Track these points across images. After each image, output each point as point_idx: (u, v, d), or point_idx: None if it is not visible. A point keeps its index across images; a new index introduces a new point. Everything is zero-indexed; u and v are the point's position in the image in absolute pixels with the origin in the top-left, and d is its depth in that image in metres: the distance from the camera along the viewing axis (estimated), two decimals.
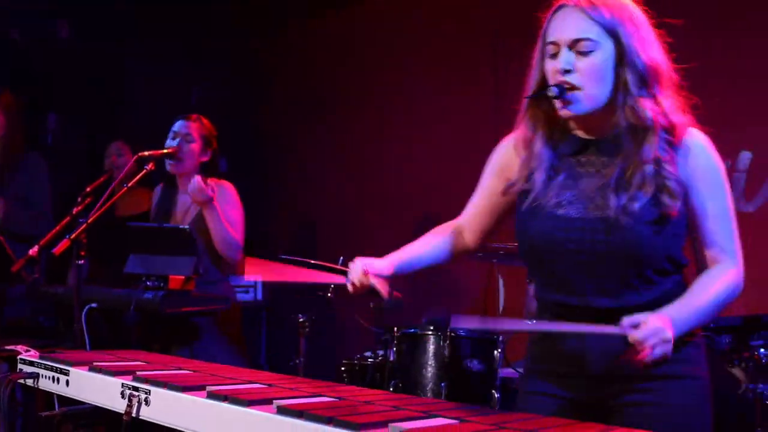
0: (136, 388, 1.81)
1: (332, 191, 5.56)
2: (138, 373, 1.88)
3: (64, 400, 2.21)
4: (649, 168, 1.73)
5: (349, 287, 1.93)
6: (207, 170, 3.86)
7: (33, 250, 3.70)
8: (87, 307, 3.41)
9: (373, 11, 5.43)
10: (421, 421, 1.40)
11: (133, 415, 1.80)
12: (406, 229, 5.02)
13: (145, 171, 3.58)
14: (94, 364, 2.04)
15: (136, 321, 3.39)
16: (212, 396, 1.62)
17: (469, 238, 2.07)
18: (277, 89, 6.01)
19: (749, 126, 3.74)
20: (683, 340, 1.73)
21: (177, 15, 5.57)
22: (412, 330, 3.05)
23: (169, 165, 3.76)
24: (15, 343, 3.04)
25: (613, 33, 1.73)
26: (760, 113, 3.72)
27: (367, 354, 3.41)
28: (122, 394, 1.85)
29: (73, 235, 3.13)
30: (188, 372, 1.99)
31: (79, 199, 4.02)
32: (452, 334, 2.96)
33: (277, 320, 5.33)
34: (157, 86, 5.58)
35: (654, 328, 1.59)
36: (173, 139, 3.78)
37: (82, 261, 3.19)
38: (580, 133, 1.85)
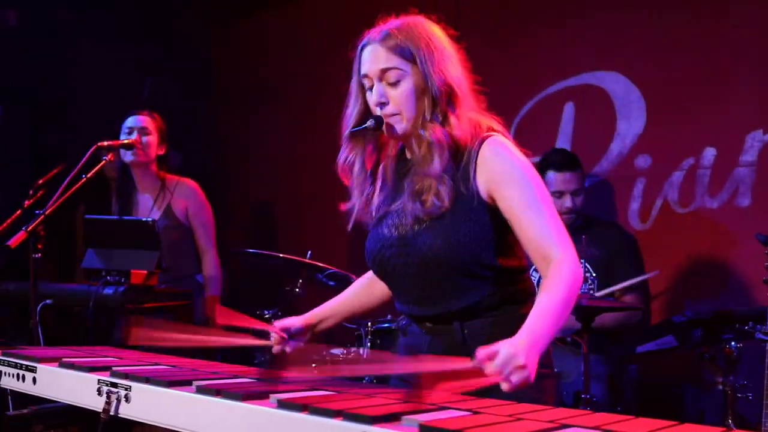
0: (114, 384, 1.70)
1: (288, 184, 5.44)
2: (115, 368, 1.77)
3: (27, 399, 2.09)
4: (436, 182, 1.83)
5: (275, 349, 2.13)
6: (163, 164, 3.85)
7: None
8: (41, 304, 3.27)
9: (331, 2, 5.34)
10: (434, 413, 1.33)
11: (112, 413, 1.69)
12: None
13: (104, 162, 3.47)
14: (64, 360, 1.92)
15: (95, 317, 3.25)
16: (202, 391, 1.53)
17: None
18: (232, 81, 5.87)
19: (713, 123, 3.79)
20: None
21: (128, 5, 5.40)
22: (387, 324, 2.99)
23: (129, 155, 3.70)
24: None
25: (413, 60, 1.87)
26: (723, 110, 3.76)
27: (336, 351, 3.32)
28: (99, 391, 1.74)
29: (30, 227, 2.98)
30: (167, 367, 1.89)
31: (31, 192, 3.87)
32: None
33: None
34: (107, 77, 5.39)
35: (506, 357, 1.52)
36: (129, 134, 3.72)
37: (39, 255, 3.05)
38: (408, 155, 1.98)
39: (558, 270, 1.74)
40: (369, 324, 3.00)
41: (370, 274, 2.23)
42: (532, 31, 4.28)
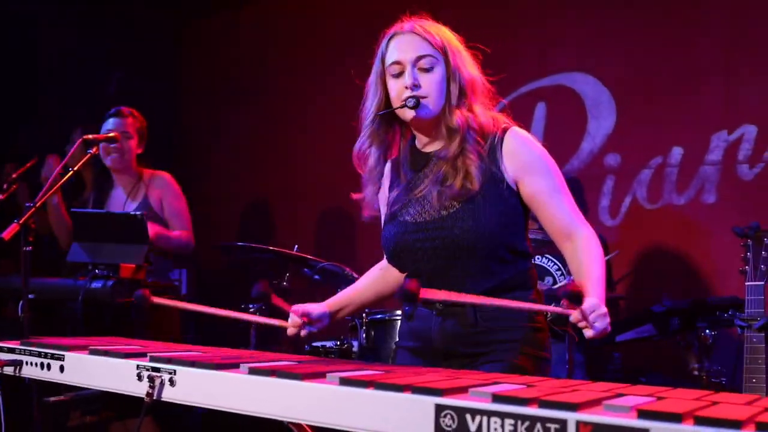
0: (156, 369, 1.73)
1: (260, 180, 5.45)
2: (153, 354, 1.79)
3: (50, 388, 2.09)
4: (464, 165, 1.98)
5: (290, 332, 2.17)
6: (141, 162, 3.87)
7: None
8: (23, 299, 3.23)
9: None
10: (492, 386, 1.40)
11: (155, 397, 1.72)
12: (330, 217, 5.02)
13: (89, 155, 3.44)
14: (93, 347, 1.93)
15: (82, 312, 3.23)
16: (255, 372, 1.57)
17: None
18: (201, 75, 5.84)
19: (680, 123, 3.98)
20: (531, 326, 1.99)
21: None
22: (381, 315, 3.05)
23: (109, 160, 3.73)
24: None
25: (443, 53, 2.04)
26: (690, 111, 3.96)
27: (327, 343, 3.37)
28: (139, 377, 1.76)
29: (22, 220, 2.95)
30: (201, 353, 1.91)
31: (5, 186, 3.81)
32: None
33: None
34: (75, 71, 5.31)
35: (591, 305, 1.72)
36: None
37: (30, 248, 3.01)
38: (424, 149, 2.12)
39: (589, 243, 1.96)
40: (363, 315, 3.06)
41: (382, 264, 2.31)
42: (504, 32, 4.40)
